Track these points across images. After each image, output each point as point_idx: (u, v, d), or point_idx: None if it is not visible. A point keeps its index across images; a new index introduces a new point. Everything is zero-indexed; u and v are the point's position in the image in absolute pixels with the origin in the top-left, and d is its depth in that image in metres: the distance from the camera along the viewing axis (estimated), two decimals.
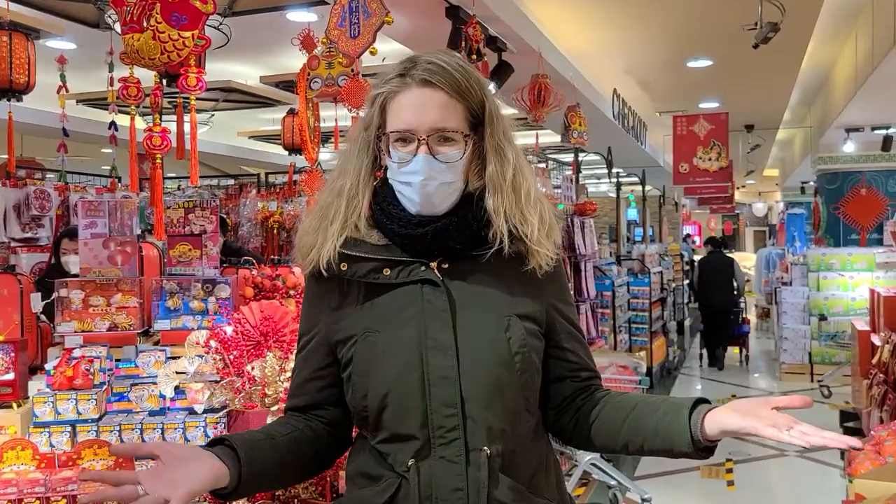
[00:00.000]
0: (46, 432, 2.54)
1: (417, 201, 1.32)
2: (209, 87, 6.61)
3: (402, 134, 1.30)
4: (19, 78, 3.39)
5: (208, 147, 9.57)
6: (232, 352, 2.64)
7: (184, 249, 2.99)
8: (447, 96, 1.30)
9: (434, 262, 1.34)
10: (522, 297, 1.37)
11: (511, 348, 1.31)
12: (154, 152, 2.44)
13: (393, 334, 1.31)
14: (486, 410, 1.28)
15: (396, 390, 1.29)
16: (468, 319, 1.31)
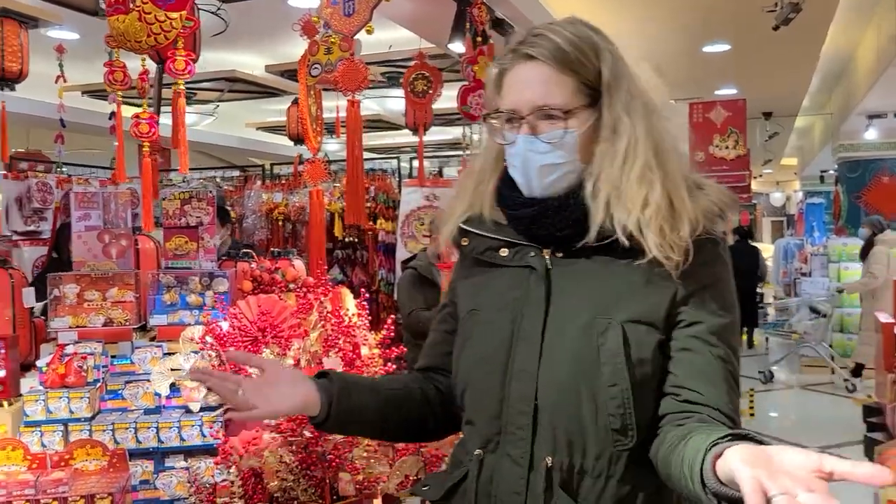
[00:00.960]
0: (38, 432, 2.46)
1: (523, 184, 1.25)
2: (214, 77, 6.57)
3: (508, 115, 1.23)
4: (12, 66, 3.31)
5: (215, 139, 9.51)
6: (228, 348, 2.55)
7: (180, 242, 2.90)
8: (551, 70, 1.19)
9: (548, 251, 1.25)
10: (640, 296, 1.18)
11: (600, 357, 1.15)
12: (142, 140, 2.35)
13: (491, 316, 1.27)
14: (554, 417, 1.17)
15: (479, 373, 1.25)
16: (561, 316, 1.20)
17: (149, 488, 2.47)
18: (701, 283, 1.19)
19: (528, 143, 1.21)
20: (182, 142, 2.29)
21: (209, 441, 2.50)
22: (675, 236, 1.16)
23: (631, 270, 1.19)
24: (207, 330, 2.61)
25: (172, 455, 2.51)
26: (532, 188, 1.24)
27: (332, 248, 5.42)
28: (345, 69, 2.43)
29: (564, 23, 1.25)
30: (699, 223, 1.18)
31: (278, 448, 2.34)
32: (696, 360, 1.17)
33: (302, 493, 2.35)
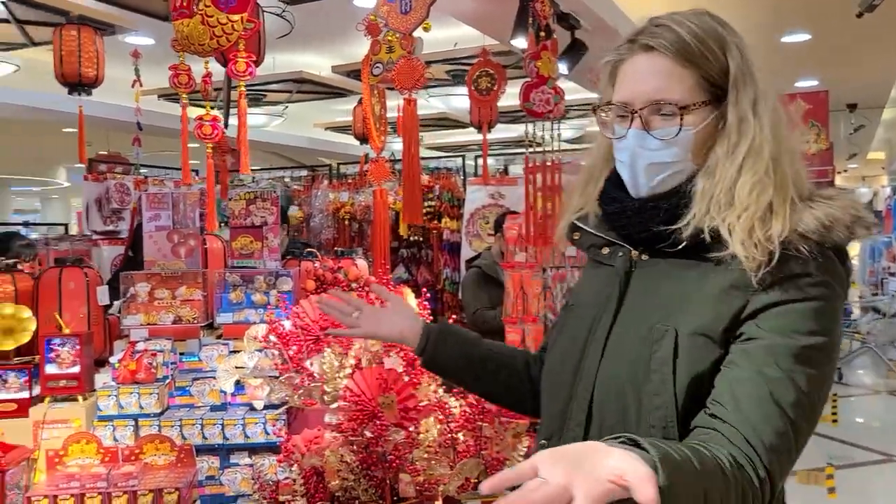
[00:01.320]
0: (111, 426, 2.54)
1: (629, 181, 1.21)
2: (282, 78, 6.68)
3: (620, 108, 1.19)
4: (89, 71, 3.43)
5: (285, 139, 9.68)
6: (291, 347, 2.56)
7: (245, 241, 2.95)
8: (671, 62, 1.14)
9: (636, 252, 1.23)
10: (707, 307, 1.10)
11: (651, 364, 1.10)
12: (205, 141, 2.39)
13: (580, 313, 1.28)
14: (603, 417, 1.16)
15: (556, 368, 1.28)
16: (628, 319, 1.19)
17: (214, 484, 2.51)
18: (777, 298, 1.08)
19: (639, 139, 1.17)
20: (243, 143, 2.31)
21: (272, 439, 2.53)
22: (762, 235, 1.08)
23: (706, 279, 1.13)
24: (270, 328, 2.63)
25: (237, 452, 2.55)
26: (638, 186, 1.20)
27: (397, 248, 5.44)
28: (401, 67, 2.41)
29: (689, 13, 1.18)
30: (793, 233, 1.09)
31: (339, 447, 2.35)
32: (739, 375, 1.07)
33: (363, 493, 2.35)
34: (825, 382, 1.08)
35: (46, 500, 2.26)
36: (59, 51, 3.41)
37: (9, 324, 2.57)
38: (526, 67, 3.26)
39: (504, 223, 3.99)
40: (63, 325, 2.62)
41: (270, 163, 9.86)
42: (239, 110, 2.27)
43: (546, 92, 3.15)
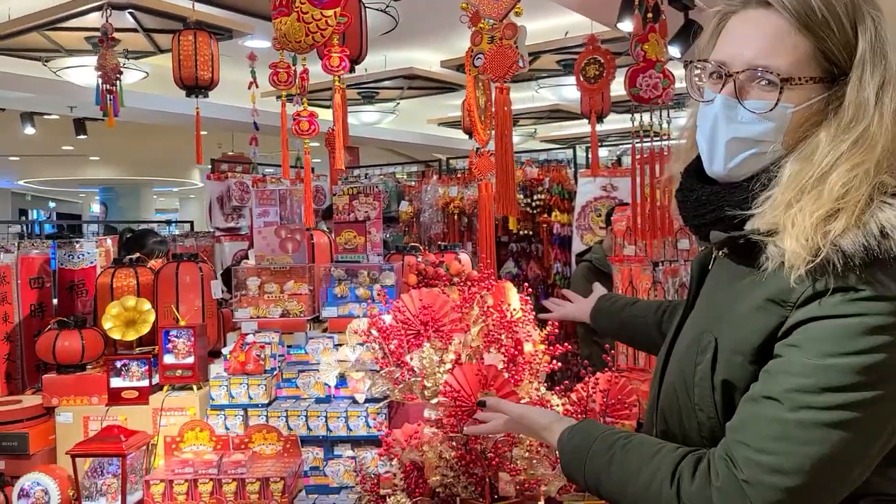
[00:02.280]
0: (222, 415, 2.64)
1: (706, 153, 1.06)
2: (392, 75, 6.78)
3: (714, 67, 1.04)
4: (204, 74, 3.60)
5: (399, 136, 9.84)
6: (391, 341, 2.57)
7: (349, 236, 2.98)
8: (787, 24, 0.98)
9: (718, 252, 1.12)
10: (748, 319, 1.00)
11: (695, 375, 1.04)
12: (303, 136, 2.43)
13: (674, 314, 1.33)
14: (664, 421, 1.11)
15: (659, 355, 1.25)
16: (690, 323, 1.14)
17: (319, 475, 2.55)
18: (814, 314, 0.93)
19: (727, 107, 1.01)
20: (338, 138, 2.33)
21: (374, 432, 2.55)
22: (821, 236, 0.92)
23: (754, 287, 1.00)
24: (371, 323, 2.65)
25: (341, 444, 2.58)
26: (714, 162, 1.04)
27: (507, 242, 5.38)
28: (492, 55, 2.35)
29: None
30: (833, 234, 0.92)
31: (438, 443, 2.33)
32: (748, 409, 0.98)
33: (462, 490, 2.32)
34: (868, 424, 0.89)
35: (162, 484, 2.38)
36: (178, 55, 3.59)
37: (131, 315, 2.72)
38: (632, 51, 3.11)
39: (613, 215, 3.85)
40: (179, 317, 2.74)
41: (386, 159, 10.06)
42: (334, 106, 2.29)
43: (654, 76, 2.99)
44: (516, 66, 2.33)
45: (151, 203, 19.70)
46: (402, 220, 5.63)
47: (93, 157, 14.40)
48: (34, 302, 3.05)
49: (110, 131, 4.50)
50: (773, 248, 0.95)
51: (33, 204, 22.08)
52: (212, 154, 7.02)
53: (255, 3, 4.44)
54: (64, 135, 9.17)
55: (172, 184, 18.61)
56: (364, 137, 8.91)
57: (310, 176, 2.51)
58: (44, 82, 6.20)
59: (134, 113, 6.69)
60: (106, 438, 2.43)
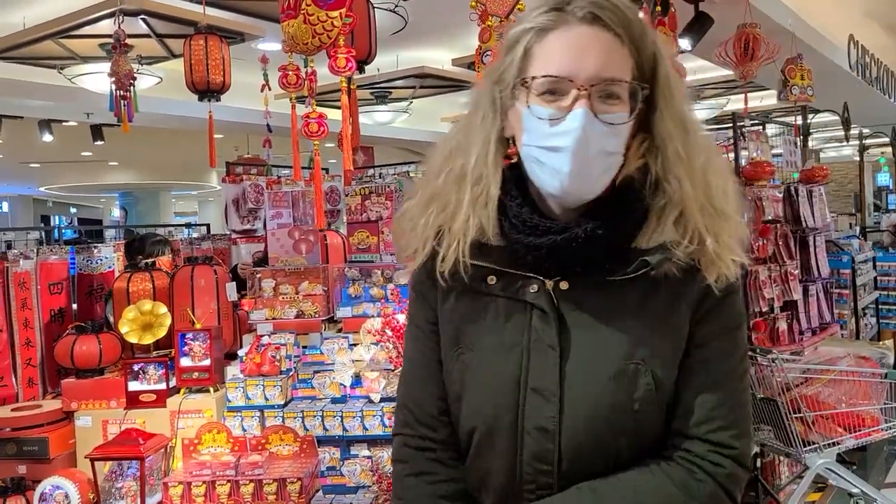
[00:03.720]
0: (239, 416, 2.65)
1: (566, 172, 0.98)
2: (404, 74, 6.77)
3: (555, 83, 0.98)
4: (216, 78, 3.62)
5: (413, 135, 9.83)
6: None
7: (362, 236, 2.99)
8: (618, 41, 0.99)
9: (551, 282, 1.04)
10: (668, 332, 1.04)
11: (633, 404, 1.02)
12: (312, 138, 2.43)
13: (487, 359, 1.07)
14: (586, 468, 1.03)
15: (485, 429, 1.07)
16: (582, 362, 1.03)
17: (336, 475, 2.56)
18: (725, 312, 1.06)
19: (588, 122, 0.97)
20: (345, 138, 2.33)
21: (390, 431, 2.54)
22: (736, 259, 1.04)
23: (653, 300, 1.03)
24: (385, 322, 2.66)
25: (357, 443, 2.58)
26: (580, 179, 0.99)
27: None
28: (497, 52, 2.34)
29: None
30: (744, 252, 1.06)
31: None
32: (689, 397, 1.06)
33: None
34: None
35: (181, 486, 2.40)
36: (189, 60, 3.62)
37: (147, 319, 2.74)
38: None
39: None
40: (195, 320, 2.76)
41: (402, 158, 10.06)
42: (342, 106, 2.28)
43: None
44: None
45: (170, 207, 19.86)
46: None
47: (112, 162, 14.55)
48: (54, 307, 3.08)
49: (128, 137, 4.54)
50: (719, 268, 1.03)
51: (55, 210, 22.37)
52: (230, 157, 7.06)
53: (265, 6, 4.46)
54: (82, 141, 9.27)
55: (191, 187, 18.75)
56: (378, 137, 8.91)
57: (320, 177, 2.51)
58: (60, 90, 6.27)
59: (149, 118, 6.74)
60: (124, 441, 2.45)
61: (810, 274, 4.44)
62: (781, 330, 4.11)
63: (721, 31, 4.17)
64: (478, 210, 1.06)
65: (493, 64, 1.10)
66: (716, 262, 1.02)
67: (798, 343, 4.14)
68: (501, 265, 1.06)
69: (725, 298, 1.05)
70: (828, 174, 4.73)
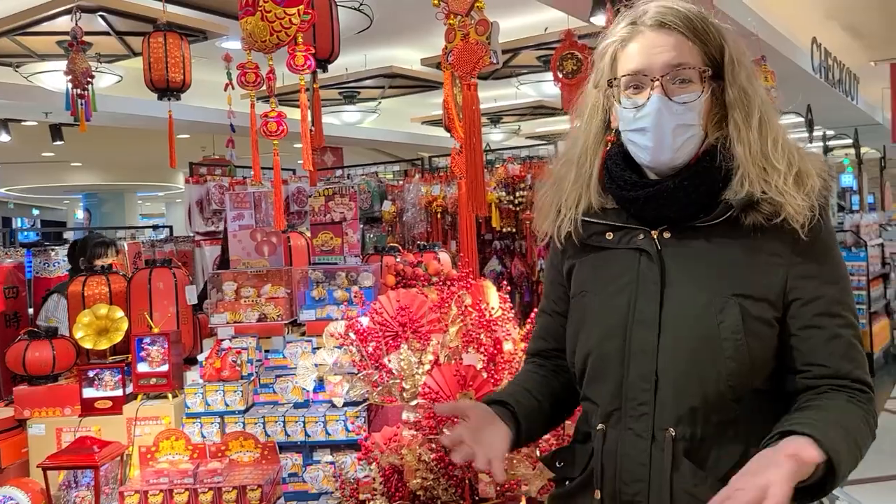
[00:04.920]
0: (198, 423, 2.59)
1: (651, 147, 1.25)
2: (373, 74, 6.73)
3: (635, 77, 1.26)
4: (175, 77, 3.54)
5: (382, 135, 9.79)
6: (369, 343, 2.53)
7: (326, 238, 2.94)
8: (683, 37, 1.25)
9: (656, 231, 1.29)
10: (755, 273, 1.24)
11: (721, 333, 1.21)
12: (271, 138, 2.38)
13: (604, 299, 1.32)
14: (678, 392, 1.23)
15: (597, 355, 1.31)
16: (678, 296, 1.25)
17: (297, 481, 2.51)
18: (814, 256, 1.24)
19: (663, 104, 1.23)
20: (304, 138, 2.29)
21: (353, 436, 2.51)
22: (804, 195, 1.22)
23: (742, 246, 1.24)
24: (349, 325, 2.61)
25: (320, 449, 2.54)
26: (662, 151, 1.25)
27: (490, 240, 5.35)
28: (459, 51, 2.31)
29: (680, 1, 1.29)
30: (816, 189, 1.24)
31: (417, 446, 2.29)
32: (821, 335, 1.23)
33: (443, 493, 2.28)
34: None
35: (137, 495, 2.32)
36: (148, 58, 3.53)
37: (103, 324, 2.67)
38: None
39: None
40: (153, 324, 2.69)
41: (371, 158, 10.01)
42: (301, 105, 2.24)
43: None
44: (483, 62, 2.29)
45: (136, 208, 19.55)
46: (385, 219, 5.58)
47: (74, 162, 14.27)
48: (8, 311, 2.99)
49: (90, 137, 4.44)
50: (788, 207, 1.20)
51: (17, 212, 21.89)
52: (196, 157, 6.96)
53: (228, 4, 4.37)
54: (42, 141, 9.06)
55: (157, 188, 18.47)
56: (347, 137, 8.86)
57: (280, 178, 2.46)
58: (16, 88, 6.10)
59: (111, 117, 6.61)
60: (79, 450, 2.38)
61: None
62: None
63: None
64: (582, 184, 1.34)
65: (592, 72, 1.37)
66: (795, 211, 1.20)
67: None
68: (616, 222, 1.32)
69: (815, 243, 1.24)
70: None
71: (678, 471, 1.23)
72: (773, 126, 1.27)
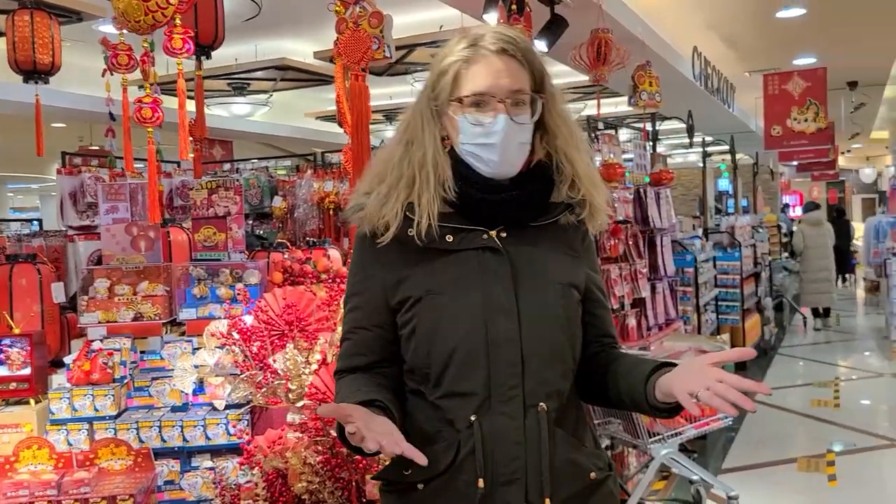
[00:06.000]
0: (64, 430, 2.41)
1: (497, 161, 1.39)
2: (264, 65, 6.53)
3: (482, 97, 1.37)
4: (43, 58, 3.28)
5: (274, 129, 9.53)
6: (253, 343, 2.43)
7: (209, 233, 2.81)
8: (519, 64, 1.39)
9: (494, 231, 1.41)
10: (570, 265, 1.47)
11: (566, 314, 1.42)
12: (145, 125, 2.24)
13: (457, 297, 1.38)
14: (544, 369, 1.38)
15: (462, 350, 1.36)
16: (528, 285, 1.39)
17: (174, 489, 2.39)
18: (592, 252, 1.54)
19: (508, 123, 1.37)
20: (182, 126, 2.17)
21: (234, 440, 2.40)
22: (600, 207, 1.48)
23: (565, 243, 1.47)
24: (232, 324, 2.50)
25: (199, 454, 2.42)
26: (504, 164, 1.40)
27: None
28: (345, 41, 2.25)
29: (509, 28, 1.46)
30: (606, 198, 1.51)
31: (303, 448, 2.22)
32: (605, 313, 1.55)
33: (329, 497, 2.22)
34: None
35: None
36: (13, 37, 3.25)
37: None
38: None
39: None
40: (13, 324, 2.49)
41: (262, 153, 9.71)
42: (178, 90, 2.12)
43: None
44: (371, 53, 2.23)
45: (6, 201, 18.28)
46: (276, 215, 5.42)
47: None
48: None
49: None
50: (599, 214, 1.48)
51: None
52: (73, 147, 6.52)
53: None
54: None
55: (30, 180, 17.31)
56: (237, 130, 8.57)
57: (154, 168, 2.32)
58: None
59: None
60: None
61: (657, 272, 4.65)
62: (631, 326, 4.27)
63: (576, 36, 4.29)
64: (433, 189, 1.40)
65: (428, 83, 1.46)
66: (595, 215, 1.47)
67: (645, 339, 4.32)
68: (457, 224, 1.41)
69: (591, 242, 1.53)
70: (673, 177, 4.98)
71: (554, 441, 1.38)
72: (587, 148, 1.51)
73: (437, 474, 1.37)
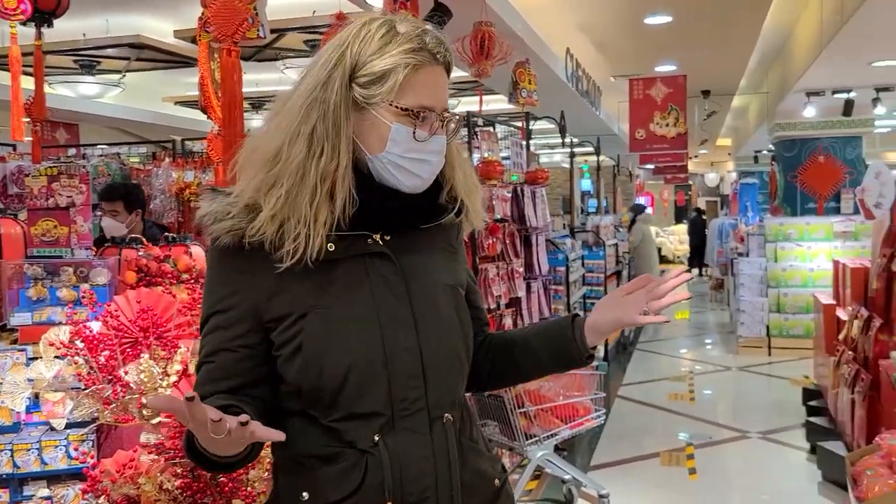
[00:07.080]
0: None
1: (426, 178, 1.33)
2: (117, 42, 6.01)
3: (424, 111, 1.29)
4: None
5: (127, 113, 8.86)
6: (101, 352, 2.14)
7: (48, 226, 2.48)
8: (447, 79, 1.35)
9: (377, 235, 1.33)
10: (453, 265, 1.44)
11: (459, 317, 1.38)
12: None
13: (348, 310, 1.28)
14: (445, 378, 1.33)
15: (358, 367, 1.26)
16: (419, 292, 1.33)
17: None
18: (462, 243, 1.51)
19: (442, 142, 1.33)
20: (15, 101, 1.85)
21: (76, 465, 2.13)
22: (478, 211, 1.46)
23: (444, 243, 1.43)
24: (75, 331, 2.19)
25: (33, 482, 2.12)
26: (424, 177, 1.32)
27: None
28: (218, 10, 2.01)
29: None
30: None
31: (158, 472, 1.97)
32: (480, 301, 1.54)
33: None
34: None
35: None
36: None
37: None
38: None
39: None
40: None
41: (112, 138, 9.00)
42: (11, 61, 1.80)
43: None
44: (246, 26, 2.00)
45: None
46: None
47: None
48: None
49: None
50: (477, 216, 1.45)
51: None
52: None
53: None
54: None
55: None
56: (85, 113, 7.86)
57: None
58: None
59: None
60: None
61: (532, 271, 4.65)
62: (507, 326, 4.24)
63: (460, 28, 4.20)
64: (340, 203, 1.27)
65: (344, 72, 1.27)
66: (472, 219, 1.45)
67: None
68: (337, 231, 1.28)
69: (462, 245, 1.51)
70: (548, 176, 5.01)
71: (462, 451, 1.33)
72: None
73: (341, 498, 1.26)
